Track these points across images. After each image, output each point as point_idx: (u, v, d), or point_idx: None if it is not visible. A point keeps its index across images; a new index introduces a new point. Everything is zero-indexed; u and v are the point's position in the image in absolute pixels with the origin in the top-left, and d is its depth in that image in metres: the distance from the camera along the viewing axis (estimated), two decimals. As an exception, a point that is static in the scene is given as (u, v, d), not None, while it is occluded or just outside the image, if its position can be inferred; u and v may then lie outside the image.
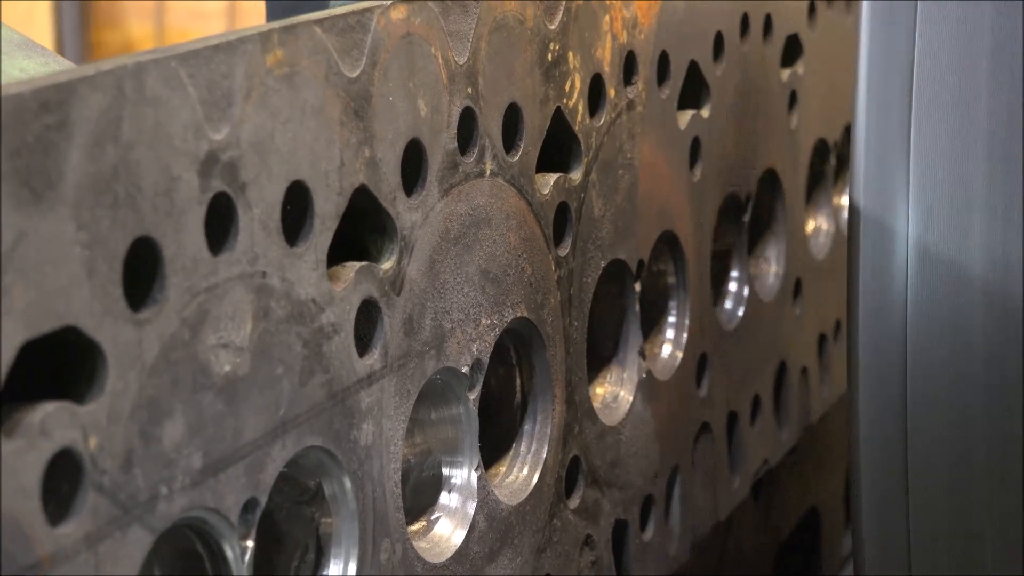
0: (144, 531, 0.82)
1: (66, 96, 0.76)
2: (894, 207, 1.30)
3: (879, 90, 1.30)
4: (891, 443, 1.33)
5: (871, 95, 1.31)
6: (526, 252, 1.18)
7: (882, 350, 1.31)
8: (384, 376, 1.01)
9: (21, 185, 0.74)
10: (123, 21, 5.12)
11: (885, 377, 1.32)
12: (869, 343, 1.32)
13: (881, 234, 1.31)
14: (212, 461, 0.86)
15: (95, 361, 0.79)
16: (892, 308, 1.31)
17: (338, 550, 0.99)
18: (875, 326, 1.32)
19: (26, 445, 0.75)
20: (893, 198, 1.30)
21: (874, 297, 1.31)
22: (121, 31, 5.11)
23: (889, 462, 1.33)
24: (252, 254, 0.89)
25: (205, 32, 4.19)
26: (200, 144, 0.85)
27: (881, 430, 1.33)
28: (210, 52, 0.86)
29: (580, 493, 1.27)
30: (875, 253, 1.31)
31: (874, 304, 1.31)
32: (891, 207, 1.30)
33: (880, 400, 1.32)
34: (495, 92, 1.13)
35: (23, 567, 0.75)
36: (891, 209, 1.30)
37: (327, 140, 0.95)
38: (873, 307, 1.32)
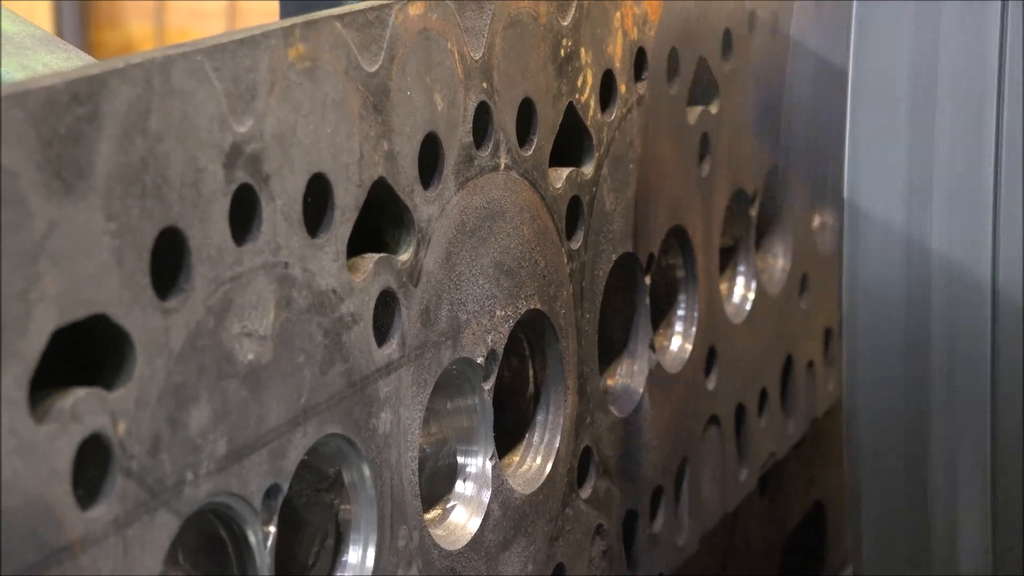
0: (171, 515, 0.83)
1: (97, 88, 0.78)
2: (891, 206, 1.31)
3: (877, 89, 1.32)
4: (890, 442, 1.34)
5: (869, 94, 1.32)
6: (539, 245, 1.19)
7: (880, 349, 1.33)
8: (402, 366, 1.03)
9: (53, 175, 0.76)
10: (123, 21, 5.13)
11: (883, 377, 1.33)
12: (867, 342, 1.33)
13: (878, 234, 1.32)
14: (236, 447, 0.88)
15: (123, 348, 0.81)
16: (887, 308, 1.32)
17: (357, 536, 1.01)
18: (872, 325, 1.33)
19: (58, 429, 0.76)
20: (890, 198, 1.31)
21: (871, 297, 1.33)
22: (121, 31, 5.13)
23: (888, 462, 1.34)
24: (275, 245, 0.90)
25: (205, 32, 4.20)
26: (225, 136, 0.86)
27: (880, 429, 1.34)
28: (235, 46, 0.87)
29: (592, 483, 1.29)
30: (872, 254, 1.32)
31: (871, 303, 1.33)
32: (888, 206, 1.31)
33: (879, 399, 1.33)
34: (509, 87, 1.14)
35: (54, 550, 0.76)
36: (887, 209, 1.31)
37: (347, 133, 0.96)
38: (870, 306, 1.33)
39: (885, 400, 1.34)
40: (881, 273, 1.32)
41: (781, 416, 1.71)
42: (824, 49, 1.65)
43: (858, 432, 1.36)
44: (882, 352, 1.33)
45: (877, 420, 1.35)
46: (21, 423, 0.74)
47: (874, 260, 1.33)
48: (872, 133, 1.33)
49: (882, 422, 1.34)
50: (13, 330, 0.73)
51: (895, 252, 1.32)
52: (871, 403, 1.35)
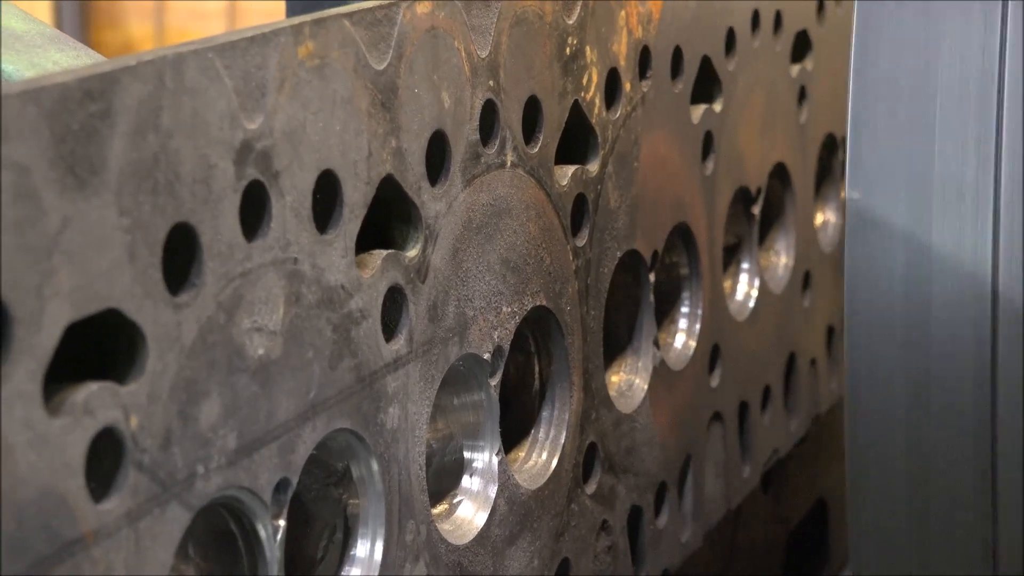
0: (182, 509, 0.84)
1: (109, 85, 0.79)
2: (892, 206, 1.32)
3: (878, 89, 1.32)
4: (890, 442, 1.34)
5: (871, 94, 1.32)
6: (545, 242, 1.20)
7: (879, 349, 1.33)
8: (409, 361, 1.04)
9: (66, 171, 0.76)
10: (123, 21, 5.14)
11: (883, 376, 1.33)
12: (867, 342, 1.33)
13: (879, 233, 1.32)
14: (246, 442, 0.89)
15: (136, 343, 0.82)
16: (890, 307, 1.32)
17: (365, 530, 1.01)
18: (872, 325, 1.33)
19: (71, 423, 0.77)
20: (891, 197, 1.32)
21: (872, 296, 1.33)
22: (121, 31, 5.13)
23: (888, 461, 1.34)
24: (284, 241, 0.91)
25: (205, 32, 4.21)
26: (235, 133, 0.87)
27: (880, 429, 1.34)
28: (245, 44, 0.88)
29: (597, 479, 1.29)
30: (873, 252, 1.33)
31: (872, 303, 1.33)
32: (889, 206, 1.32)
33: (878, 399, 1.33)
34: (515, 85, 1.15)
35: (68, 542, 0.77)
36: (887, 209, 1.32)
37: (355, 130, 0.97)
38: (871, 306, 1.33)
39: (886, 400, 1.34)
40: (882, 273, 1.33)
41: (784, 413, 1.72)
42: None
43: (859, 432, 1.37)
44: (883, 352, 1.33)
45: (878, 420, 1.35)
46: (35, 416, 0.75)
47: (876, 260, 1.33)
48: (874, 133, 1.33)
49: (883, 422, 1.34)
50: (27, 325, 0.74)
51: (896, 252, 1.32)
52: (872, 403, 1.35)
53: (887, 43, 1.32)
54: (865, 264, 1.33)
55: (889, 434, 1.34)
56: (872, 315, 1.33)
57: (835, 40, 1.80)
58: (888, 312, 1.32)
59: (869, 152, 1.33)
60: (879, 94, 1.32)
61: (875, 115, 1.32)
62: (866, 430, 1.35)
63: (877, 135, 1.32)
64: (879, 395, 1.34)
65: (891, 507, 1.35)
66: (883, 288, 1.32)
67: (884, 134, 1.32)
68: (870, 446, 1.35)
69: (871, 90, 1.33)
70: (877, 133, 1.32)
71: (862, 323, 1.34)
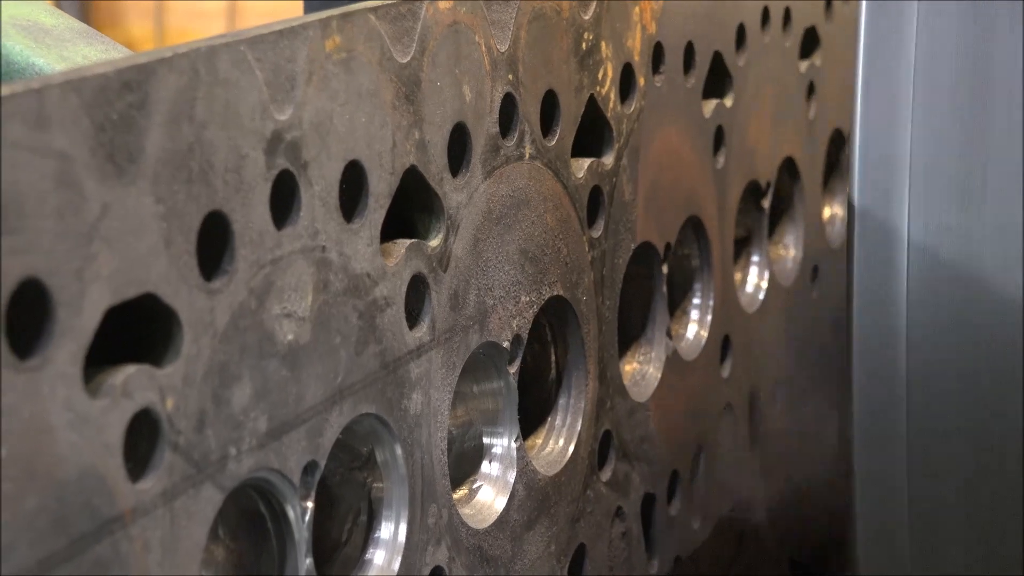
0: (215, 489, 0.87)
1: (147, 76, 0.81)
2: (894, 207, 1.32)
3: (878, 89, 1.32)
4: (890, 442, 1.34)
5: (870, 94, 1.33)
6: (562, 233, 1.23)
7: (881, 349, 1.33)
8: (432, 348, 1.06)
9: (106, 160, 0.79)
10: (123, 21, 5.15)
11: (884, 377, 1.33)
12: (868, 342, 1.34)
13: (881, 234, 1.33)
14: (276, 425, 0.91)
15: (171, 327, 0.84)
16: (892, 308, 1.33)
17: (389, 512, 1.04)
18: (875, 325, 1.33)
19: (110, 404, 0.79)
20: (893, 198, 1.32)
21: (874, 297, 1.33)
22: (121, 31, 5.15)
23: (888, 462, 1.34)
24: (313, 229, 0.93)
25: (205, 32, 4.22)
26: (266, 124, 0.89)
27: (880, 429, 1.34)
28: (275, 37, 0.90)
29: (612, 466, 1.32)
30: (875, 253, 1.33)
31: (874, 304, 1.33)
32: (891, 207, 1.32)
33: (879, 400, 1.34)
34: (534, 79, 1.17)
35: (107, 520, 0.79)
36: (891, 209, 1.32)
37: (381, 122, 1.00)
38: (873, 306, 1.33)
39: (885, 400, 1.34)
40: (885, 272, 1.33)
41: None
42: None
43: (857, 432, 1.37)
44: (884, 351, 1.34)
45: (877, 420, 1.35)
46: (76, 398, 0.77)
47: (879, 259, 1.34)
48: (879, 132, 1.34)
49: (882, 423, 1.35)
50: (69, 308, 0.76)
51: (896, 251, 1.32)
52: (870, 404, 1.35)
53: (892, 41, 1.33)
54: (868, 263, 1.33)
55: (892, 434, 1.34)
56: (874, 315, 1.33)
57: (843, 36, 1.82)
58: (890, 311, 1.33)
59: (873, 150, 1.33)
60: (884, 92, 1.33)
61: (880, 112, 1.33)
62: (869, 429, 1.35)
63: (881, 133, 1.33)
64: (881, 395, 1.34)
65: (893, 507, 1.35)
66: (885, 288, 1.32)
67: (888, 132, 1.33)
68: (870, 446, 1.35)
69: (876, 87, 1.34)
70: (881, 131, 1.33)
71: (863, 324, 1.34)
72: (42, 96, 0.75)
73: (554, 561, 1.23)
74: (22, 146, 0.74)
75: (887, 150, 1.32)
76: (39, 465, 0.75)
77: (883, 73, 1.32)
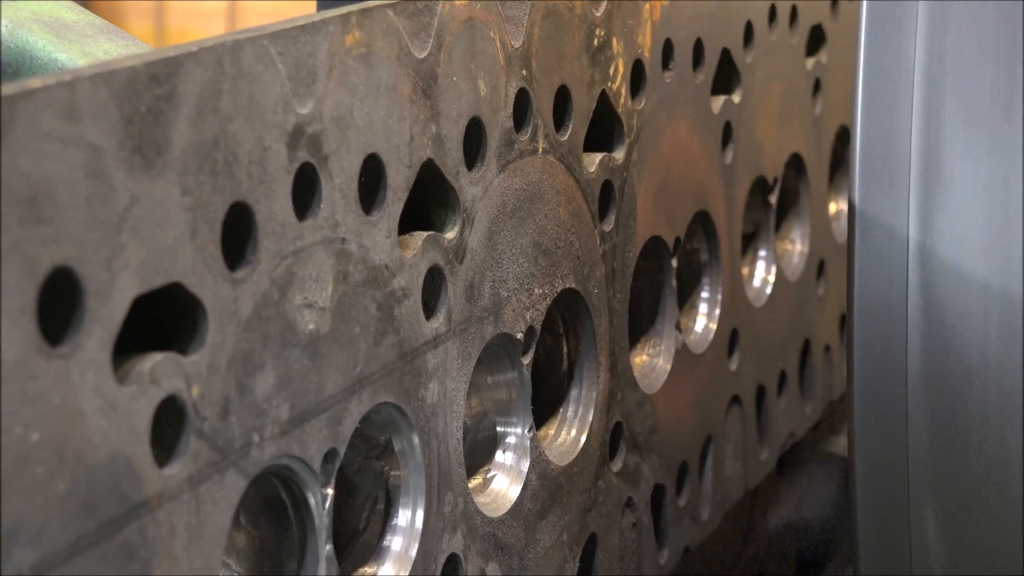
0: (239, 476, 0.88)
1: (174, 70, 0.83)
2: (894, 207, 1.33)
3: (879, 89, 1.33)
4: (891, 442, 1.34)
5: (871, 94, 1.33)
6: (574, 226, 1.24)
7: (882, 350, 1.33)
8: (448, 339, 1.08)
9: (134, 151, 0.80)
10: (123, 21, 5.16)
11: (885, 377, 1.33)
12: (868, 343, 1.34)
13: (881, 234, 1.33)
14: (298, 413, 0.93)
15: (196, 316, 0.85)
16: (892, 308, 1.33)
17: (406, 500, 1.05)
18: (875, 326, 1.33)
19: (138, 391, 0.81)
20: (893, 198, 1.33)
21: (874, 297, 1.33)
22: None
23: (889, 462, 1.35)
24: (333, 221, 0.95)
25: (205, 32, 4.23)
26: (288, 117, 0.91)
27: (881, 429, 1.34)
28: (297, 32, 0.92)
29: (622, 457, 1.33)
30: (875, 253, 1.33)
31: (874, 304, 1.33)
32: (891, 207, 1.33)
33: (880, 401, 1.33)
34: (547, 75, 1.19)
35: (135, 504, 0.81)
36: (891, 209, 1.33)
37: (399, 116, 1.01)
38: (873, 307, 1.33)
39: (885, 400, 1.34)
40: (886, 272, 1.33)
41: (799, 398, 1.76)
42: None
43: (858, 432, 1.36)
44: (885, 352, 1.33)
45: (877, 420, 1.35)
46: (105, 384, 0.79)
47: (875, 258, 1.34)
48: (880, 131, 1.34)
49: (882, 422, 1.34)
50: (98, 296, 0.78)
51: (896, 251, 1.32)
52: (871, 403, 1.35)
53: (894, 41, 1.33)
54: (869, 263, 1.33)
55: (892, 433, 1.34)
56: (875, 316, 1.33)
57: (849, 34, 1.84)
58: (891, 312, 1.33)
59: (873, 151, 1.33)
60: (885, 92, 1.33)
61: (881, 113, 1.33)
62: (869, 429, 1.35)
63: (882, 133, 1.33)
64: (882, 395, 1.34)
65: (893, 507, 1.35)
66: (886, 288, 1.32)
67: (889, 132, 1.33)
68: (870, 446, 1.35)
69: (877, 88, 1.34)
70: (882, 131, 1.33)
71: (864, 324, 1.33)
72: (73, 89, 0.76)
73: (566, 550, 1.24)
74: (54, 138, 0.75)
75: (888, 149, 1.32)
76: (69, 450, 0.77)
77: (884, 72, 1.33)
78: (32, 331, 0.74)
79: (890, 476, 1.34)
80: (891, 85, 1.31)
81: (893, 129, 1.32)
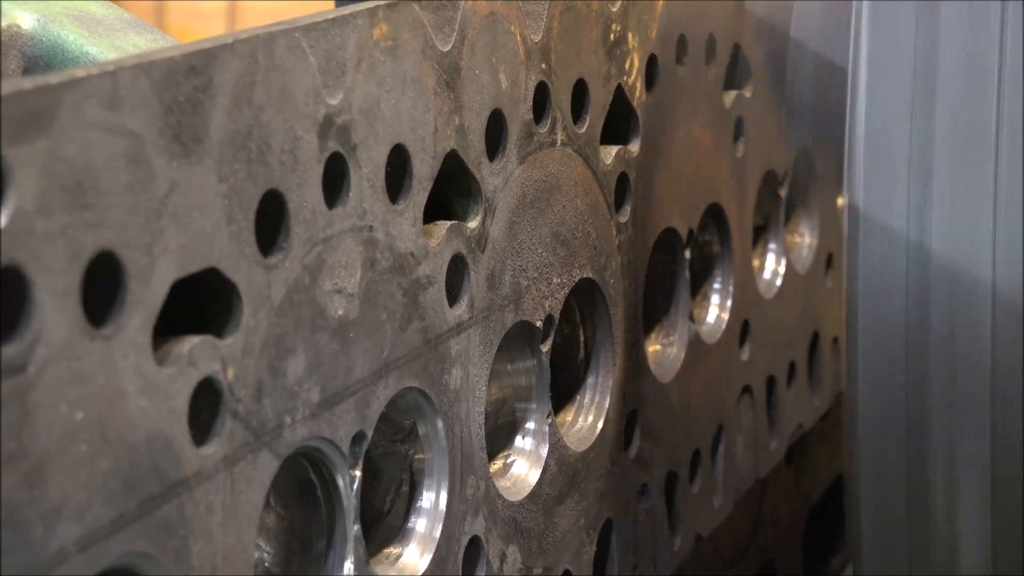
0: (272, 456, 0.91)
1: (211, 61, 0.85)
2: (894, 207, 1.33)
3: (878, 88, 1.33)
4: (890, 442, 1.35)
5: (871, 95, 1.34)
6: (591, 217, 1.27)
7: (881, 350, 1.33)
8: (471, 326, 1.10)
9: (173, 140, 0.83)
10: (124, 20, 5.17)
11: (885, 377, 1.33)
12: (869, 343, 1.34)
13: (880, 234, 1.34)
14: (327, 396, 0.95)
15: (231, 300, 0.88)
16: (891, 308, 1.33)
17: (430, 482, 1.08)
18: (874, 326, 1.34)
19: (176, 372, 0.83)
20: (893, 198, 1.33)
21: (874, 297, 1.33)
22: (122, 30, 5.16)
23: (888, 461, 1.35)
24: (361, 209, 0.98)
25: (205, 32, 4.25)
26: (319, 108, 0.94)
27: (880, 429, 1.35)
28: (327, 25, 0.94)
29: (637, 444, 1.36)
30: (874, 253, 1.34)
31: (874, 304, 1.33)
32: (891, 207, 1.33)
33: (879, 399, 1.34)
34: (565, 68, 1.22)
35: (174, 483, 0.83)
36: (890, 209, 1.33)
37: (423, 108, 1.04)
38: (873, 307, 1.33)
39: (885, 401, 1.34)
40: (882, 271, 1.33)
41: (808, 389, 1.78)
42: None
43: (858, 432, 1.37)
44: (882, 352, 1.33)
45: (877, 420, 1.35)
46: (146, 365, 0.81)
47: (875, 258, 1.34)
48: (879, 131, 1.34)
49: (882, 423, 1.35)
50: (139, 280, 0.81)
51: (896, 251, 1.33)
52: (871, 403, 1.36)
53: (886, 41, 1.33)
54: (864, 262, 1.33)
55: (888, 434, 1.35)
56: (872, 315, 1.33)
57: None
58: (887, 311, 1.33)
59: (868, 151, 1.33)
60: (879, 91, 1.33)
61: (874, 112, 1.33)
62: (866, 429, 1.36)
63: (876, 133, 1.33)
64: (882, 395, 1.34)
65: (891, 507, 1.35)
66: (882, 287, 1.32)
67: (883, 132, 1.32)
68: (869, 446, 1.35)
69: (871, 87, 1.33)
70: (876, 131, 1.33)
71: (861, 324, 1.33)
72: (116, 79, 0.79)
73: (583, 534, 1.27)
74: (97, 126, 0.78)
75: (887, 149, 1.32)
76: (112, 429, 0.79)
77: (883, 73, 1.33)
78: (77, 313, 0.76)
79: (889, 476, 1.34)
80: (891, 85, 1.32)
81: (892, 129, 1.32)
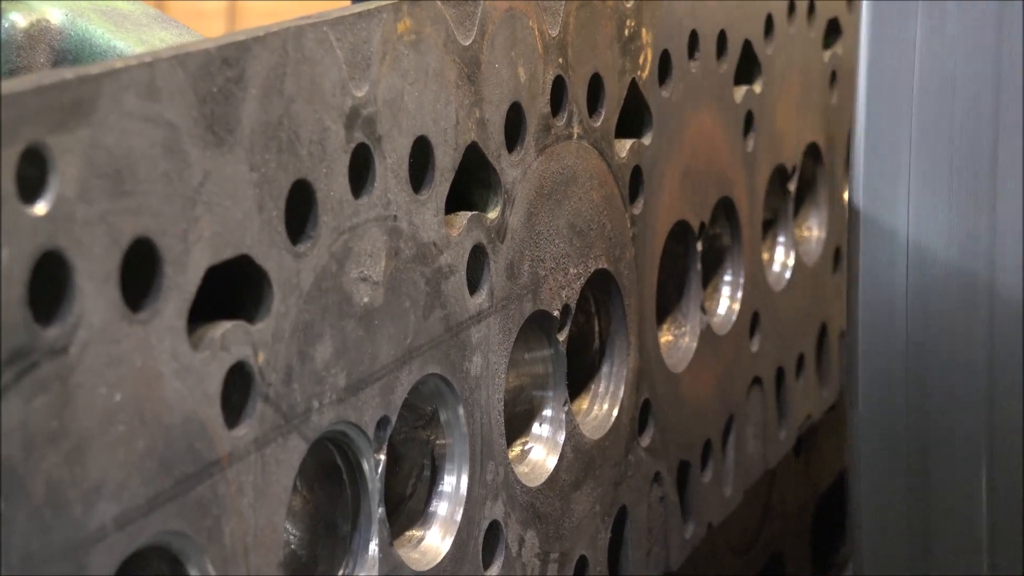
0: (300, 439, 0.93)
1: (243, 53, 0.87)
2: (894, 207, 1.34)
3: (879, 89, 1.34)
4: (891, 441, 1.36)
5: (871, 94, 1.35)
6: (606, 209, 1.29)
7: (882, 350, 1.33)
8: (491, 315, 1.12)
9: (207, 130, 0.85)
10: (126, 20, 5.18)
11: (885, 377, 1.34)
12: (869, 343, 1.34)
13: (881, 234, 1.35)
14: (353, 381, 0.98)
15: (262, 287, 0.90)
16: (892, 308, 1.34)
17: (452, 467, 1.10)
18: (875, 326, 1.34)
19: (210, 356, 0.86)
20: (893, 198, 1.34)
21: (874, 297, 1.34)
22: (123, 29, 5.17)
23: (888, 462, 1.36)
24: (386, 199, 1.00)
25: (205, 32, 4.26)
26: (345, 100, 0.96)
27: (881, 429, 1.36)
28: (354, 19, 0.97)
29: (651, 433, 1.38)
30: (875, 253, 1.34)
31: (874, 304, 1.34)
32: (891, 207, 1.34)
33: (880, 399, 1.35)
34: (581, 63, 1.24)
35: (208, 463, 0.86)
36: (891, 209, 1.34)
37: (445, 101, 1.06)
38: (873, 307, 1.34)
39: (885, 400, 1.35)
40: (882, 271, 1.33)
41: (816, 380, 1.81)
42: None
43: (858, 432, 1.37)
44: (882, 352, 1.33)
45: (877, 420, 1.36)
46: (181, 349, 0.84)
47: (875, 258, 1.35)
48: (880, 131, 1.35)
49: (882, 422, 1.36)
50: (175, 266, 0.83)
51: (896, 251, 1.34)
52: (871, 403, 1.36)
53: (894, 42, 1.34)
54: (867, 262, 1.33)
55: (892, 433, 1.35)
56: (872, 315, 1.33)
57: (864, 27, 1.89)
58: (888, 311, 1.34)
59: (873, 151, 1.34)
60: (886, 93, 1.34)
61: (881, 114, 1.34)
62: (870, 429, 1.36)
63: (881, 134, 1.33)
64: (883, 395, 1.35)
65: (892, 507, 1.36)
66: (883, 287, 1.33)
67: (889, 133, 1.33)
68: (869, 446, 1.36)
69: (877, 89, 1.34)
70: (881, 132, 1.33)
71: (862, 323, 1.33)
72: (153, 69, 0.81)
73: (598, 521, 1.29)
74: (135, 115, 0.80)
75: (888, 149, 1.33)
76: (148, 410, 0.81)
77: (885, 72, 1.34)
78: (116, 297, 0.79)
79: (889, 476, 1.36)
80: (892, 85, 1.33)
81: (893, 129, 1.33)
